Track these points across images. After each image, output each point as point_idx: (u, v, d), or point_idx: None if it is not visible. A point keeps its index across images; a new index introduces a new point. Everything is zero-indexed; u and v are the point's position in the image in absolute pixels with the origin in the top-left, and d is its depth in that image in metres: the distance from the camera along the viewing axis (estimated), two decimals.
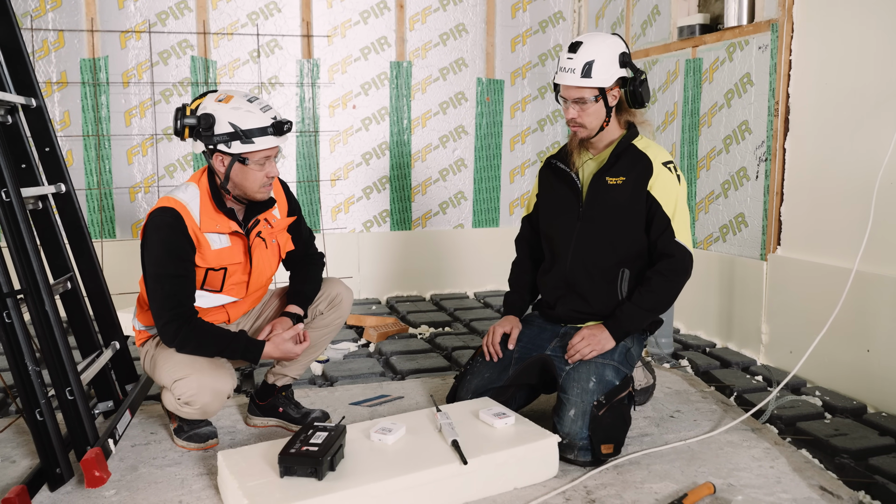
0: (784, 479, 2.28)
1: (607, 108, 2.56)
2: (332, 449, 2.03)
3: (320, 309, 2.68)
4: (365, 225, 5.16)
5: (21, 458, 2.43)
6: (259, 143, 2.30)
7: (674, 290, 2.57)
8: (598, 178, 2.61)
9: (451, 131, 5.28)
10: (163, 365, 2.43)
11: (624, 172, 2.58)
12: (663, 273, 2.55)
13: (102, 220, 4.62)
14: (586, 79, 2.50)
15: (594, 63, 2.50)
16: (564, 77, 2.54)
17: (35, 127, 2.65)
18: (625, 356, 2.56)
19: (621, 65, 2.54)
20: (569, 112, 2.58)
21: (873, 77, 3.06)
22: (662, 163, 2.58)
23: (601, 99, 2.54)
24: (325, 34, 4.94)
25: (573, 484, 2.23)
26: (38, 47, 4.43)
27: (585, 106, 2.54)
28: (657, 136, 4.48)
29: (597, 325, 2.59)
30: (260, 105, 2.33)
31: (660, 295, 2.56)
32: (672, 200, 2.56)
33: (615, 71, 2.53)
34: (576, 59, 2.52)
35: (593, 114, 2.55)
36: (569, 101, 2.56)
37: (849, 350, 3.10)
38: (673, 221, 2.54)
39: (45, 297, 2.23)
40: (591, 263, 2.62)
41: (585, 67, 2.50)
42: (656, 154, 2.60)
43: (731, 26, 3.83)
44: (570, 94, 2.55)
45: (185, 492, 2.21)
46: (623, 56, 2.55)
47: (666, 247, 2.54)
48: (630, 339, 2.62)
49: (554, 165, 2.74)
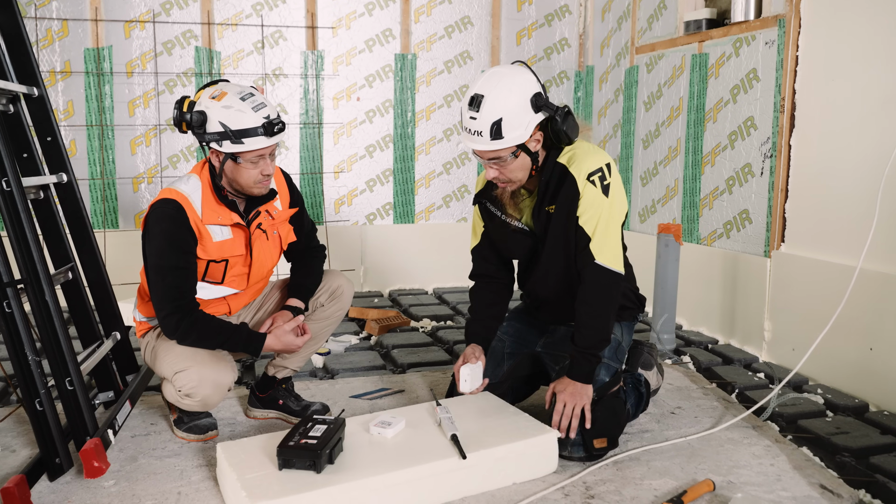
0: (784, 477, 2.27)
1: (532, 155, 2.29)
2: (331, 442, 2.02)
3: (321, 301, 2.67)
4: (368, 217, 5.15)
5: (21, 448, 2.43)
6: (249, 143, 2.28)
7: (603, 315, 2.36)
8: (539, 211, 2.39)
9: (455, 125, 5.26)
10: (163, 356, 2.43)
11: (554, 199, 2.35)
12: (587, 302, 2.35)
13: (105, 210, 4.62)
14: (498, 141, 2.20)
15: (503, 121, 2.17)
16: (473, 141, 2.24)
17: (37, 116, 2.64)
18: (615, 351, 2.52)
19: (535, 109, 2.22)
20: (489, 172, 2.30)
21: (881, 74, 3.03)
22: (587, 175, 2.31)
23: (521, 152, 2.26)
24: (330, 25, 4.92)
25: (572, 479, 2.23)
26: (42, 36, 4.43)
27: (506, 163, 2.26)
28: (662, 131, 4.46)
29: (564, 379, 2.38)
30: (253, 104, 2.29)
31: (592, 327, 2.35)
32: (594, 218, 2.31)
33: (530, 120, 2.22)
34: (480, 119, 2.19)
35: (517, 168, 2.29)
36: (484, 161, 2.28)
37: (852, 348, 3.08)
38: (592, 242, 2.31)
39: (45, 287, 2.23)
40: (562, 286, 2.49)
41: (494, 129, 2.18)
42: (580, 166, 2.32)
43: (738, 21, 3.80)
44: (484, 156, 2.27)
45: (184, 483, 2.21)
46: (535, 98, 2.22)
47: (582, 269, 2.35)
48: (618, 329, 2.55)
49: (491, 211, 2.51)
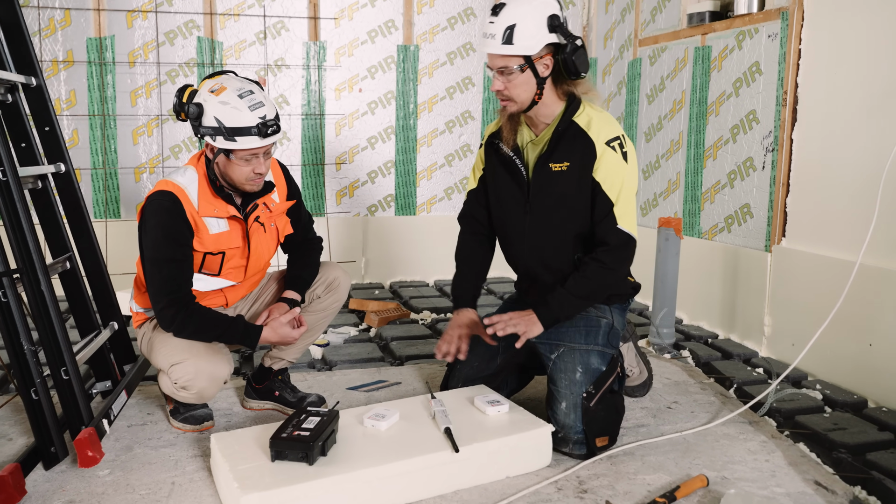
0: (779, 473, 2.27)
1: (538, 78, 2.30)
2: (324, 434, 2.03)
3: (318, 293, 2.67)
4: (370, 209, 5.14)
5: (18, 437, 2.44)
6: (241, 142, 2.27)
7: (611, 277, 2.40)
8: (542, 166, 2.40)
9: (457, 116, 5.25)
10: (160, 348, 2.43)
11: (567, 156, 2.35)
12: (601, 261, 2.36)
13: (107, 200, 4.62)
14: (507, 45, 2.23)
15: (516, 27, 2.22)
16: (485, 44, 2.28)
17: (35, 106, 2.64)
18: (607, 337, 2.46)
19: (550, 29, 2.25)
20: (495, 83, 2.32)
21: (883, 68, 3.00)
22: (606, 141, 2.33)
23: (528, 68, 2.28)
24: (333, 16, 4.91)
25: (566, 474, 2.23)
26: (45, 25, 4.42)
27: (511, 77, 2.28)
28: (665, 124, 4.44)
29: (527, 311, 2.40)
30: (250, 102, 2.27)
31: (595, 283, 2.38)
32: (617, 183, 2.33)
33: (542, 36, 2.24)
34: (497, 22, 2.24)
35: (521, 85, 2.30)
36: (493, 71, 2.31)
37: (851, 344, 3.07)
38: (616, 207, 2.34)
39: (40, 277, 2.23)
40: (547, 257, 2.49)
41: (506, 33, 2.22)
42: (599, 131, 2.34)
43: (741, 14, 3.77)
44: (494, 64, 2.29)
45: (178, 473, 2.22)
46: (552, 19, 2.25)
47: (606, 234, 2.35)
48: (609, 313, 2.50)
49: (496, 146, 2.52)
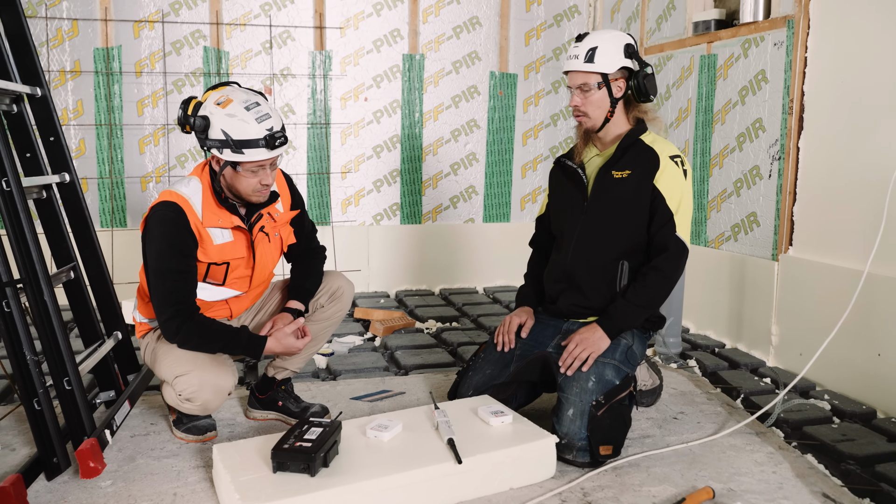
0: (786, 485, 2.24)
1: (612, 98, 2.56)
2: (326, 445, 2.01)
3: (321, 302, 2.66)
4: (375, 218, 5.14)
5: (21, 447, 2.44)
6: (249, 154, 2.27)
7: (668, 285, 2.55)
8: (604, 173, 2.60)
9: (463, 125, 5.25)
10: (163, 359, 2.42)
11: (630, 166, 2.57)
12: (660, 269, 2.52)
13: (113, 209, 4.64)
14: (589, 63, 2.53)
15: (597, 49, 2.53)
16: (569, 64, 2.59)
17: (40, 116, 2.64)
18: (626, 355, 2.52)
19: (626, 55, 2.54)
20: (573, 100, 2.60)
21: (890, 75, 2.98)
22: (670, 156, 2.56)
23: (604, 86, 2.54)
24: (338, 26, 4.92)
25: (570, 485, 2.21)
26: (52, 36, 4.45)
27: (588, 93, 2.55)
28: (670, 132, 4.42)
29: (590, 325, 2.54)
30: (257, 114, 2.27)
31: (655, 291, 2.54)
32: (677, 195, 2.53)
33: (619, 59, 2.54)
34: (581, 46, 2.56)
35: (596, 102, 2.56)
36: (573, 89, 2.59)
37: (859, 353, 3.04)
38: (676, 216, 2.52)
39: (44, 287, 2.23)
40: (592, 257, 2.61)
41: (589, 53, 2.53)
42: (663, 148, 2.59)
43: (747, 22, 3.76)
44: (574, 81, 2.57)
45: (180, 484, 2.21)
46: (628, 47, 2.55)
47: (665, 241, 2.52)
48: (631, 337, 2.57)
49: (562, 163, 2.75)
